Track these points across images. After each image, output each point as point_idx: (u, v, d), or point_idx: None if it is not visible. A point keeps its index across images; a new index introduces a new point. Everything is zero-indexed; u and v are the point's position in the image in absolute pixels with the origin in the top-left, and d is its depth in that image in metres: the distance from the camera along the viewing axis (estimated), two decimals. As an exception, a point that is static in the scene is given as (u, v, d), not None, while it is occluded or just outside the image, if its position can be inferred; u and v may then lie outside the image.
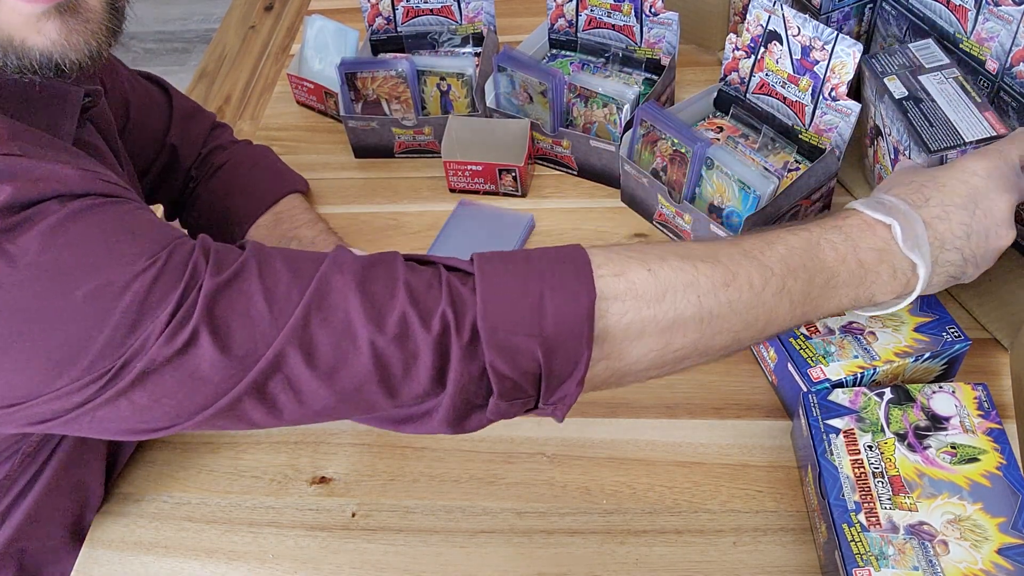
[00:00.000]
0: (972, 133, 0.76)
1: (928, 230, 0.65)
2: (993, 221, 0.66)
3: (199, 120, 1.00)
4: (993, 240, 0.67)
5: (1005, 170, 0.67)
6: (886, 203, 0.66)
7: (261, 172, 0.99)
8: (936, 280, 0.67)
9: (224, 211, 0.96)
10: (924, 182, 0.67)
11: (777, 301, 0.60)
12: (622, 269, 0.58)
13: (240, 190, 0.96)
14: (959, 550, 0.63)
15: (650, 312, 0.57)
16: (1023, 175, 0.69)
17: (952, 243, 0.65)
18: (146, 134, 0.95)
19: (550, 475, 0.79)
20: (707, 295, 0.58)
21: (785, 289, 0.60)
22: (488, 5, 1.09)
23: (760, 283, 0.59)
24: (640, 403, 0.83)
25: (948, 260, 0.66)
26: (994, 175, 0.66)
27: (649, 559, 0.73)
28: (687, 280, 0.58)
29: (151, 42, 2.83)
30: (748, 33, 0.92)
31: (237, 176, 0.97)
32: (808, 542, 0.72)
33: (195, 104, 1.02)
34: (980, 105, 0.78)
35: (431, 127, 1.06)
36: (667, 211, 0.94)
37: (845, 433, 0.70)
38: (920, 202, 0.66)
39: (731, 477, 0.77)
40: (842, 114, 0.87)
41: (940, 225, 0.65)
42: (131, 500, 0.82)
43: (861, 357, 0.74)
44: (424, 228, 1.01)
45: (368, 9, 1.11)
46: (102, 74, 0.89)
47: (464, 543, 0.76)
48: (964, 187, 0.66)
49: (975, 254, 0.67)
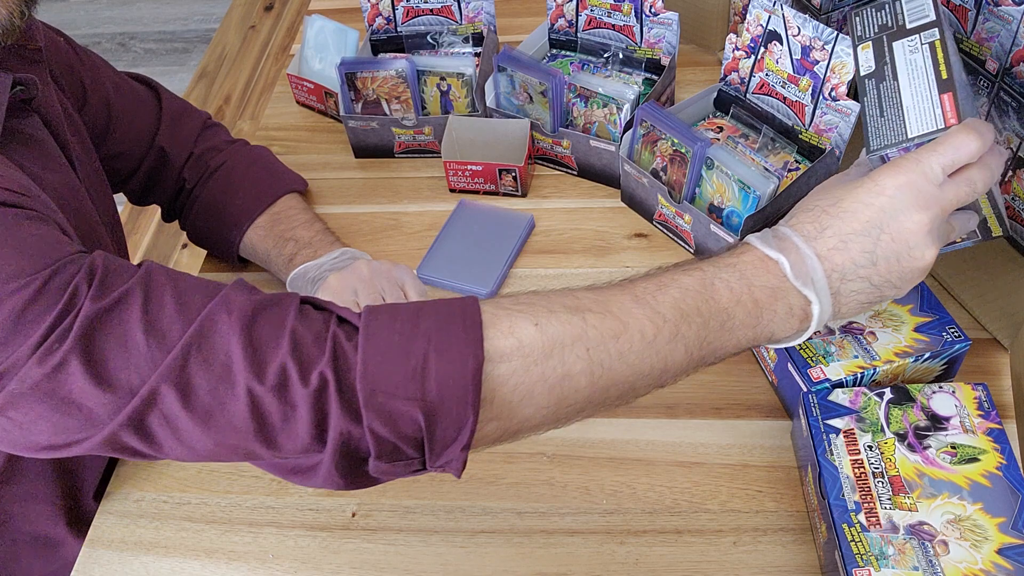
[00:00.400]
0: (920, 125, 0.66)
1: (823, 263, 0.61)
2: (904, 244, 0.61)
3: (189, 120, 0.99)
4: (907, 262, 0.62)
5: (921, 184, 0.61)
6: (781, 236, 0.62)
7: (258, 172, 0.98)
8: (846, 310, 0.63)
9: (222, 213, 0.96)
10: (827, 207, 0.62)
11: (671, 348, 0.58)
12: (511, 326, 0.56)
13: (237, 191, 0.96)
14: (959, 550, 0.63)
15: (538, 370, 0.55)
16: (951, 185, 0.62)
17: (855, 272, 0.61)
18: (133, 134, 0.94)
19: (550, 475, 0.79)
20: (597, 348, 0.56)
21: (679, 336, 0.58)
22: (488, 5, 1.09)
23: (652, 332, 0.58)
24: (640, 403, 0.82)
25: (854, 289, 0.62)
26: (906, 192, 0.61)
27: (649, 559, 0.73)
28: (575, 334, 0.56)
29: (151, 42, 2.83)
30: (748, 33, 0.92)
31: (234, 177, 0.96)
32: (808, 542, 0.72)
33: (185, 104, 1.01)
34: (943, 84, 0.66)
35: (431, 127, 1.06)
36: (667, 211, 0.94)
37: (845, 433, 0.70)
38: (815, 233, 0.62)
39: (731, 477, 0.77)
40: (842, 114, 0.87)
41: (838, 256, 0.61)
42: (131, 500, 0.82)
43: (861, 357, 0.74)
44: (424, 228, 1.01)
45: (368, 9, 1.11)
46: (82, 74, 0.88)
47: (464, 543, 0.76)
48: (868, 210, 0.61)
49: (888, 279, 0.62)
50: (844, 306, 0.63)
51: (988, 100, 0.83)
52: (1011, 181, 0.84)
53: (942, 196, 0.61)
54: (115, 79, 0.94)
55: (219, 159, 0.97)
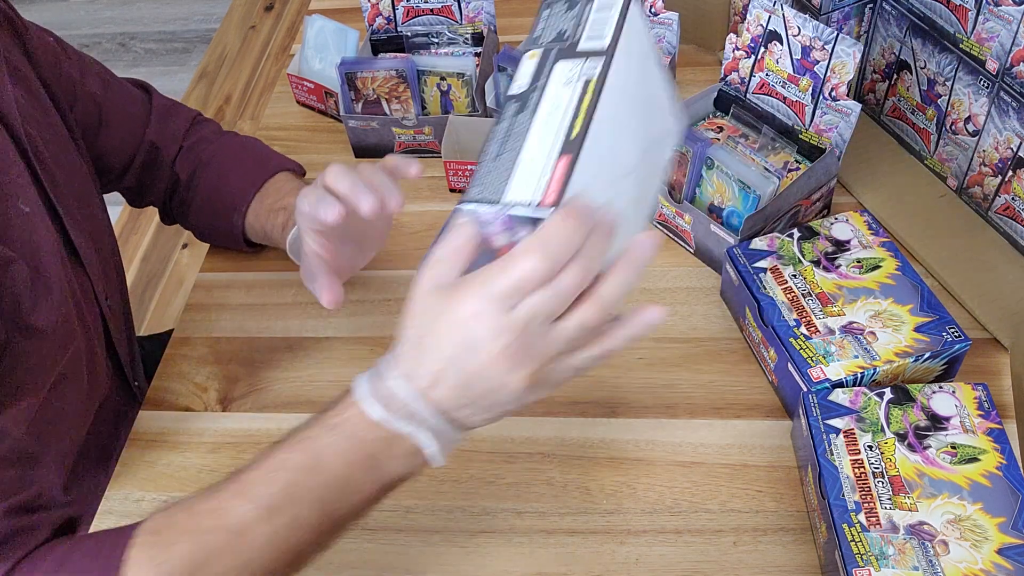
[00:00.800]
0: (521, 190, 0.50)
1: (426, 402, 0.56)
2: (486, 380, 0.55)
3: (179, 115, 1.00)
4: (499, 395, 0.55)
5: (490, 317, 0.53)
6: (382, 377, 0.58)
7: (248, 156, 0.98)
8: (475, 422, 0.58)
9: (219, 201, 0.95)
10: (422, 336, 0.56)
11: (296, 534, 0.59)
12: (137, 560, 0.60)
13: (230, 177, 0.96)
14: (959, 550, 0.63)
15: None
16: (523, 308, 0.52)
17: (458, 403, 0.56)
18: (124, 130, 0.95)
19: (550, 475, 0.79)
20: (216, 564, 0.58)
21: (297, 521, 0.58)
22: (488, 5, 1.09)
23: (268, 532, 0.58)
24: (640, 403, 0.83)
25: (469, 412, 0.57)
26: (479, 323, 0.53)
27: (649, 559, 0.73)
28: (200, 560, 0.58)
29: (152, 42, 2.83)
30: (748, 33, 0.92)
31: (225, 165, 0.97)
32: (808, 542, 0.72)
33: (175, 101, 1.02)
34: (567, 144, 0.49)
35: (431, 127, 1.06)
36: (667, 211, 0.94)
37: (845, 433, 0.70)
38: (413, 370, 0.56)
39: (731, 477, 0.77)
40: (842, 114, 0.87)
41: (437, 392, 0.56)
42: (131, 500, 0.82)
43: (861, 357, 0.74)
44: (424, 228, 1.01)
45: (368, 9, 1.11)
46: (71, 72, 0.89)
47: (464, 543, 0.76)
48: (450, 344, 0.55)
49: (496, 401, 0.56)
50: (469, 424, 0.58)
51: (988, 100, 0.83)
52: (1011, 181, 0.84)
53: (512, 324, 0.53)
54: (104, 76, 0.95)
55: (210, 150, 0.98)
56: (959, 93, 0.87)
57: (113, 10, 2.98)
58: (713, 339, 0.87)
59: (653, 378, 0.84)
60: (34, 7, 3.01)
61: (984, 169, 0.87)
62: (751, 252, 0.84)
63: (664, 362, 0.85)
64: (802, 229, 0.85)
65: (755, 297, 0.80)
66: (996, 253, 0.87)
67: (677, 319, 0.89)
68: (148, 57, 2.78)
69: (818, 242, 0.84)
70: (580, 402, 0.83)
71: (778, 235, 0.85)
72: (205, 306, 0.97)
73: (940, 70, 0.89)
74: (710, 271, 0.92)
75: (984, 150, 0.86)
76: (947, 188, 0.94)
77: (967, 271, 0.86)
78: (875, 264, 0.81)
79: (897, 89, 0.97)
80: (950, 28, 0.85)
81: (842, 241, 0.83)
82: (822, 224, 0.85)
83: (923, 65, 0.91)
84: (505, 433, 0.82)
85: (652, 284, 0.92)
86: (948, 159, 0.93)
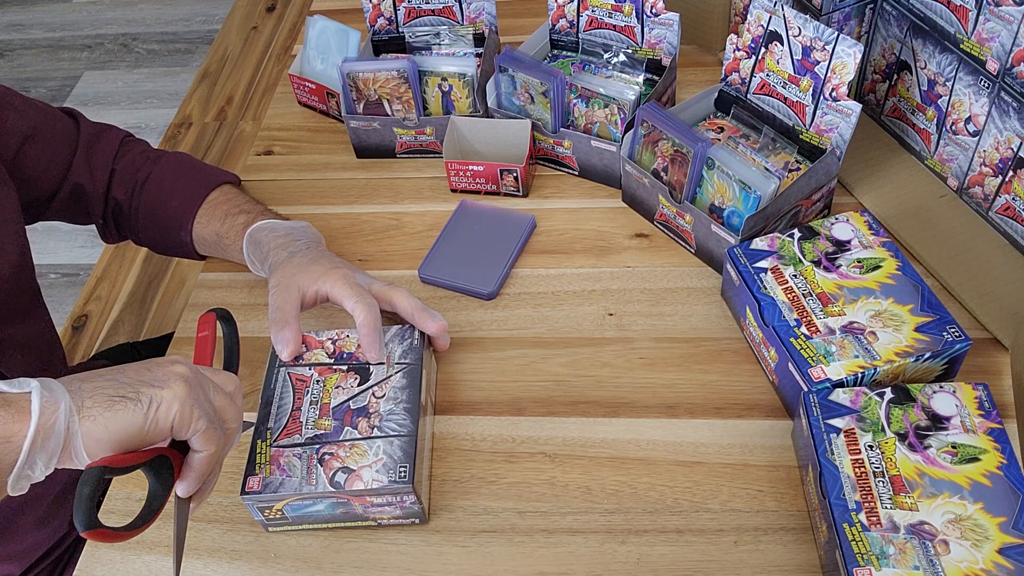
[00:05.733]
0: None
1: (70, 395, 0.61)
2: None
3: (107, 137, 1.01)
4: None
5: None
6: None
7: (186, 173, 1.00)
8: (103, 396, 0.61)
9: (164, 218, 0.98)
10: None
11: None
12: None
13: (172, 194, 0.98)
14: (960, 550, 0.63)
15: None
16: None
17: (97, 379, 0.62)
18: (48, 156, 0.95)
19: (551, 475, 0.79)
20: None
21: None
22: (489, 6, 1.09)
23: None
24: (641, 403, 0.83)
25: (100, 385, 0.62)
26: None
27: (650, 558, 0.73)
28: None
29: (153, 43, 2.84)
30: (749, 33, 0.93)
31: (165, 183, 0.99)
32: (809, 542, 0.72)
33: (103, 124, 1.03)
34: None
35: (433, 127, 1.06)
36: (668, 211, 0.94)
37: (846, 433, 0.70)
38: None
39: (732, 477, 0.77)
40: (843, 114, 0.87)
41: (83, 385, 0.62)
42: (132, 500, 0.82)
43: (862, 357, 0.75)
44: (425, 228, 1.02)
45: (370, 9, 1.12)
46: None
47: (465, 542, 0.76)
48: None
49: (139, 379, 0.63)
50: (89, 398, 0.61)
51: (989, 100, 0.83)
52: (1012, 181, 0.84)
53: None
54: (23, 105, 0.94)
55: (146, 169, 1.00)
56: (959, 93, 0.87)
57: (115, 11, 2.99)
58: (714, 339, 0.87)
59: (654, 378, 0.85)
60: (36, 8, 3.02)
61: (984, 169, 0.87)
62: (752, 252, 0.84)
63: (665, 362, 0.86)
64: (803, 229, 0.85)
65: (756, 297, 0.80)
66: (996, 253, 0.87)
67: (678, 319, 0.89)
68: (150, 58, 2.78)
69: (819, 242, 0.84)
70: (581, 402, 0.84)
71: (779, 235, 0.85)
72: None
73: (940, 70, 0.89)
74: (711, 271, 0.93)
75: (984, 150, 0.86)
76: (947, 188, 0.94)
77: (967, 271, 0.86)
78: (875, 264, 0.81)
79: (897, 89, 0.97)
80: (950, 28, 0.85)
81: (843, 241, 0.83)
82: (822, 224, 0.85)
83: (923, 65, 0.91)
84: (506, 433, 0.82)
85: (653, 284, 0.92)
86: (948, 159, 0.93)
